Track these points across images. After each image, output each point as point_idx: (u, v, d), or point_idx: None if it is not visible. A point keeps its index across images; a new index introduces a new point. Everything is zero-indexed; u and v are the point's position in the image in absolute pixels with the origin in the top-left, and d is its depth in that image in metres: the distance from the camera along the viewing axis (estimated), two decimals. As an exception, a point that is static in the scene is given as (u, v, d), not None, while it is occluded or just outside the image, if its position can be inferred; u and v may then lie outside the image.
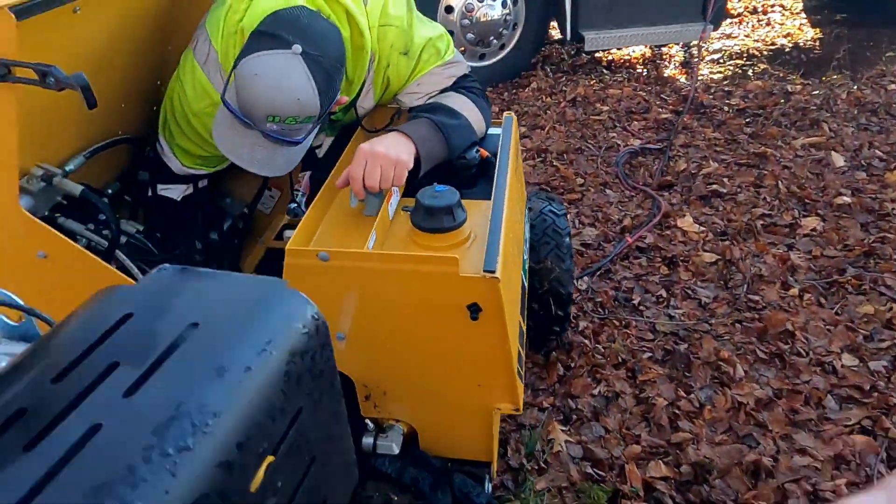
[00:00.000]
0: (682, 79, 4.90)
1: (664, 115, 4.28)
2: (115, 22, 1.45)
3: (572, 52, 5.41)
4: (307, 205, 2.48)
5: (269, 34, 1.31)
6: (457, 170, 1.56)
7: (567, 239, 2.17)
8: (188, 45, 1.58)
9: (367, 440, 1.44)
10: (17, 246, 1.28)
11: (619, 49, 5.34)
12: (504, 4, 4.51)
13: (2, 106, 1.11)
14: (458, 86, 1.60)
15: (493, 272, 1.16)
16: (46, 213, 1.43)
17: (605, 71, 5.13)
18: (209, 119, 1.58)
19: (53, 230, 1.26)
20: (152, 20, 1.61)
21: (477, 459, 1.51)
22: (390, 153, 1.34)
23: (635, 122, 4.26)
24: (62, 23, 1.27)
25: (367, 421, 1.45)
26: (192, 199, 1.79)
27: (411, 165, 1.38)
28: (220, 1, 1.53)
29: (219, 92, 1.54)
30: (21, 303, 0.67)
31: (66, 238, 1.28)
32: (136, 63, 1.63)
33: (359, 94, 1.64)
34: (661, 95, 4.63)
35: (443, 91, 1.60)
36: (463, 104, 1.55)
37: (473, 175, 1.59)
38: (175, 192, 1.76)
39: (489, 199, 1.49)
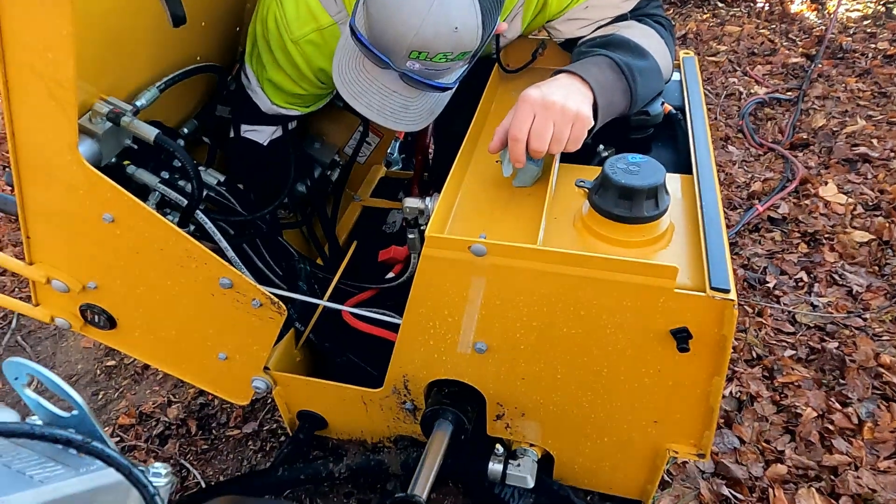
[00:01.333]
0: (813, 16, 4.22)
1: (794, 59, 3.69)
2: None
3: (680, -20, 4.74)
4: (401, 151, 2.15)
5: None
6: (628, 128, 1.18)
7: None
8: None
9: (495, 466, 1.15)
10: (78, 207, 1.00)
11: (737, -22, 4.64)
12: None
13: (54, 15, 0.79)
14: (640, 12, 1.19)
15: (727, 292, 0.81)
16: (114, 161, 1.14)
17: (719, 4, 4.48)
18: (311, 49, 1.23)
19: (121, 188, 0.97)
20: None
21: (626, 497, 1.21)
22: (569, 104, 0.97)
23: (759, 67, 3.69)
24: None
25: (497, 445, 1.16)
26: (280, 144, 1.47)
27: (593, 123, 1.01)
28: None
29: (328, 13, 1.18)
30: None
31: (137, 199, 0.98)
32: (219, -32, 1.28)
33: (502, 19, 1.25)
34: (789, 35, 4.00)
35: (618, 19, 1.19)
36: (649, 39, 1.14)
37: (647, 136, 1.21)
38: (262, 134, 1.44)
39: (673, 170, 1.12)
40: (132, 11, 1.04)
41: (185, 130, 1.39)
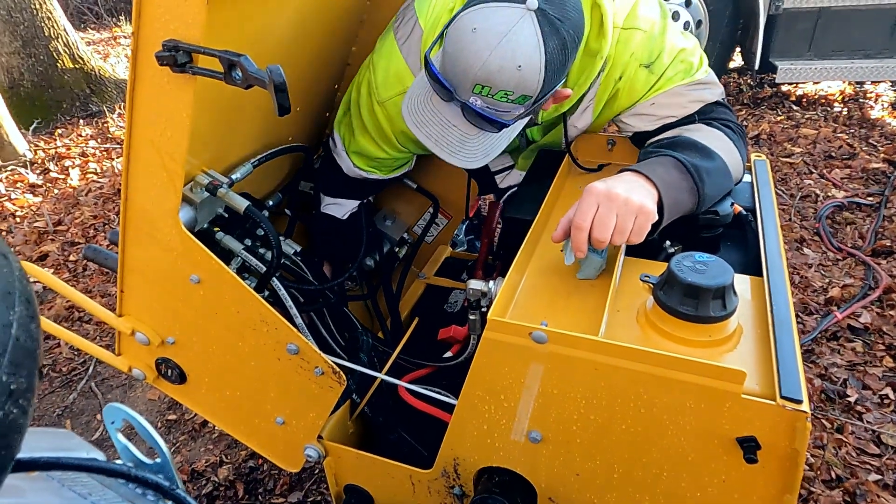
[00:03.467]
0: (895, 122, 4.14)
1: (874, 165, 3.60)
2: (307, 15, 1.24)
3: (753, 84, 4.80)
4: (467, 233, 2.22)
5: None
6: (697, 226, 1.18)
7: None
8: (388, 26, 1.36)
9: (543, 567, 1.09)
10: (170, 267, 1.08)
11: (813, 83, 4.65)
12: (685, 27, 4.05)
13: (178, 101, 0.90)
14: (707, 116, 1.22)
15: (799, 402, 0.78)
16: (205, 226, 1.24)
17: (794, 107, 4.47)
18: (395, 111, 1.34)
19: (210, 253, 1.05)
20: (345, 15, 1.40)
21: None
22: (632, 197, 0.99)
23: (836, 170, 3.61)
24: (253, 9, 1.07)
25: (547, 543, 1.11)
26: (356, 219, 1.56)
27: (656, 217, 1.03)
28: None
29: (414, 75, 1.29)
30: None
31: (223, 264, 1.06)
32: (320, 62, 1.43)
33: (573, 110, 1.31)
34: (869, 140, 3.92)
35: (684, 120, 1.22)
36: (716, 140, 1.17)
37: (716, 236, 1.20)
38: (340, 209, 1.54)
39: (742, 271, 1.11)
40: (237, 97, 1.17)
41: (270, 203, 1.50)
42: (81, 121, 4.94)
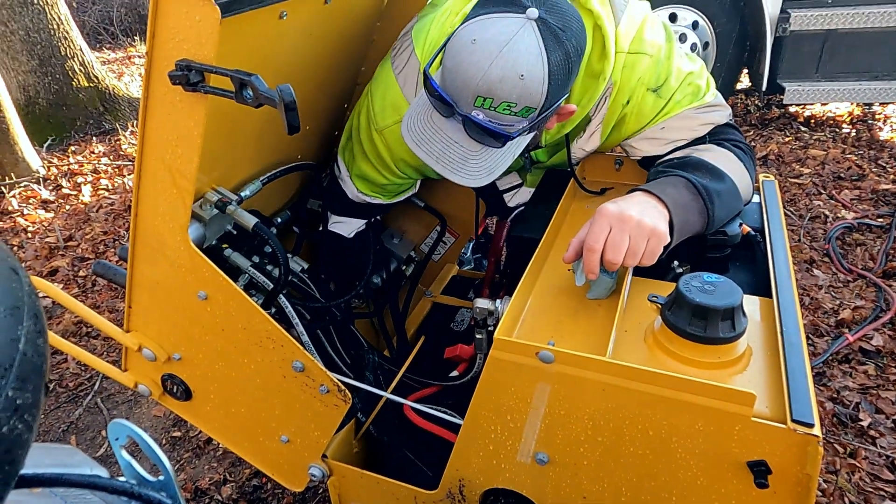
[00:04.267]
0: (905, 144, 4.12)
1: (884, 186, 3.58)
2: (317, 35, 1.25)
3: (760, 105, 4.81)
4: (474, 251, 2.22)
5: None
6: (705, 246, 1.17)
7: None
8: (387, 53, 1.36)
9: (550, 593, 1.07)
10: (178, 283, 1.09)
11: (821, 104, 4.66)
12: (692, 49, 4.08)
13: (189, 119, 0.92)
14: (717, 136, 1.22)
15: (810, 426, 0.76)
16: (213, 243, 1.25)
17: (802, 128, 4.47)
18: (393, 138, 1.33)
19: (219, 270, 1.06)
20: (352, 38, 1.42)
21: None
22: (645, 219, 0.99)
23: (846, 191, 3.59)
24: (264, 29, 1.08)
25: (554, 568, 1.09)
26: (362, 237, 1.56)
27: (669, 239, 1.02)
28: (432, 4, 1.29)
29: (409, 104, 1.28)
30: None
31: (230, 281, 1.07)
32: (330, 81, 1.44)
33: (579, 133, 1.31)
34: (879, 161, 3.90)
35: (694, 142, 1.23)
36: (727, 162, 1.17)
37: (724, 256, 1.20)
38: (347, 226, 1.54)
39: (751, 291, 1.10)
40: (247, 115, 1.19)
41: (279, 220, 1.51)
42: (94, 138, 5.01)
